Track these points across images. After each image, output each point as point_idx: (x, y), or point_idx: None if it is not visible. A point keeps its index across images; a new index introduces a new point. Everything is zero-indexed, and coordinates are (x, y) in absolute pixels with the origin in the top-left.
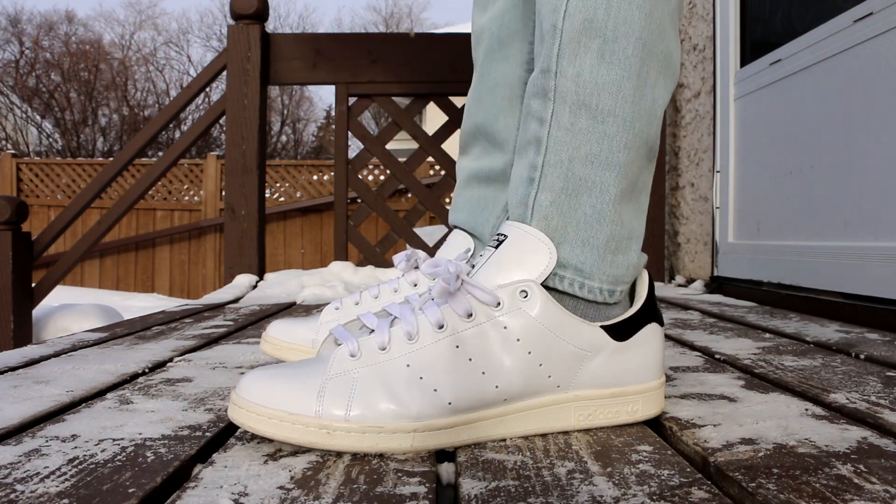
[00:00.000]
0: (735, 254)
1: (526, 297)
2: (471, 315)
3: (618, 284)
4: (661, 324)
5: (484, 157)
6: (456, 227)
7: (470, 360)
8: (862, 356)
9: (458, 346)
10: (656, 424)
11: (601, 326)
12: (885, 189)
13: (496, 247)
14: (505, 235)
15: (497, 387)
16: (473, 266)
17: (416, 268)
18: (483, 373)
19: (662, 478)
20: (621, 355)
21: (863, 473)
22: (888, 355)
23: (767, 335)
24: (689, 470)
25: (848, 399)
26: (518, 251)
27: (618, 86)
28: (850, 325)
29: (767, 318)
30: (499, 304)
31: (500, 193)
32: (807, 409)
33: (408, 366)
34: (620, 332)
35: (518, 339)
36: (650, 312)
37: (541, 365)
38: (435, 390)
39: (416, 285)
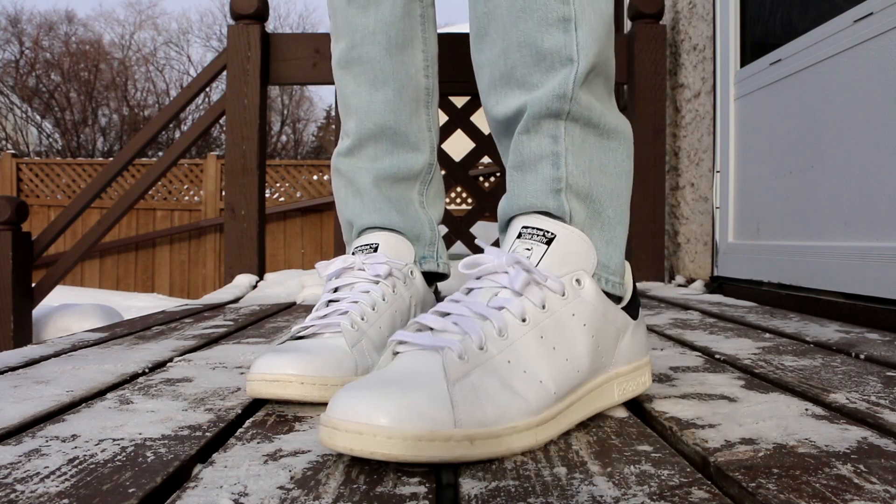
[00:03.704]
0: (735, 254)
1: (580, 284)
2: (544, 306)
3: (619, 276)
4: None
5: (386, 157)
6: (394, 230)
7: (554, 348)
8: (862, 356)
9: (542, 337)
10: (656, 424)
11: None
12: (885, 189)
13: (547, 243)
14: (553, 233)
15: (578, 371)
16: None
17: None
18: (567, 359)
19: (662, 478)
20: (636, 333)
21: (863, 473)
22: (888, 355)
23: (767, 335)
24: (689, 470)
25: (848, 399)
26: (570, 249)
27: (613, 109)
28: (850, 325)
29: (767, 318)
30: (564, 293)
31: (412, 192)
32: (807, 409)
33: (508, 362)
34: (630, 312)
35: (584, 325)
36: (635, 294)
37: (599, 346)
38: (541, 382)
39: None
